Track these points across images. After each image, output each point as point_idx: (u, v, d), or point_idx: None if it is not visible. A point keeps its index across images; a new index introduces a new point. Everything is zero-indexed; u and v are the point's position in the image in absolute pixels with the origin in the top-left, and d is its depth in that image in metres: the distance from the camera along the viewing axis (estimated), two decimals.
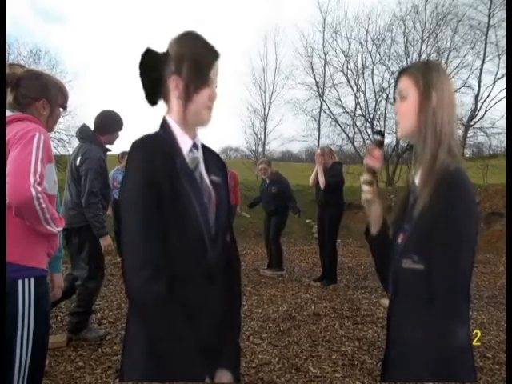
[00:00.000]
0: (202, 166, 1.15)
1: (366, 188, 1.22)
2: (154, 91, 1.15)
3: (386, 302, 4.40)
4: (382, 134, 1.26)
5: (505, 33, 14.22)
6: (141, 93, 1.16)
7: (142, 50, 1.12)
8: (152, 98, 1.16)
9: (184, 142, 1.12)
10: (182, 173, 1.07)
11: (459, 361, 1.02)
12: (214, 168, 1.19)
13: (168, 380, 1.03)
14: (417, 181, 1.13)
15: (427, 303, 1.01)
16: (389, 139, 19.61)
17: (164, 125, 1.14)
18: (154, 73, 1.12)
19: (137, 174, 1.02)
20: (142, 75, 1.13)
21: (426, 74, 1.10)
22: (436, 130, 1.08)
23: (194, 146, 1.14)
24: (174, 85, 1.10)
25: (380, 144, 1.24)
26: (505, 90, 15.17)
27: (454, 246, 0.99)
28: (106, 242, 3.10)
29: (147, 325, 1.01)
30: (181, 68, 1.09)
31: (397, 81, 1.18)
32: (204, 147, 1.20)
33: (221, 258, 1.14)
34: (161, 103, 1.17)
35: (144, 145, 1.06)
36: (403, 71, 1.16)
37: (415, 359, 1.03)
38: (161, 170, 1.03)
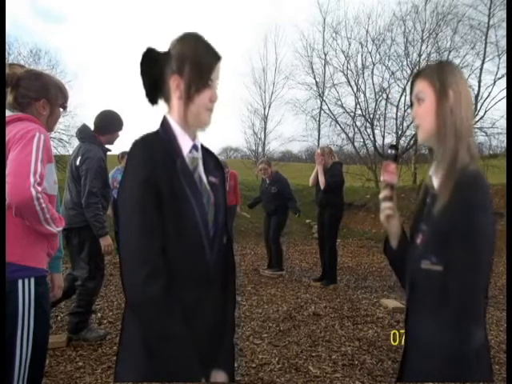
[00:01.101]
0: (201, 167, 1.15)
1: (386, 204, 1.20)
2: (154, 90, 1.14)
3: (386, 301, 4.40)
4: (396, 147, 1.26)
5: (505, 33, 14.23)
6: (141, 93, 1.16)
7: (142, 50, 1.12)
8: (152, 97, 1.15)
9: (184, 143, 1.12)
10: (181, 173, 1.07)
11: (476, 361, 1.02)
12: (212, 169, 1.19)
13: (164, 380, 1.02)
14: (435, 182, 1.12)
15: (444, 304, 1.01)
16: (389, 139, 19.60)
17: (164, 124, 1.14)
18: (154, 72, 1.12)
19: (136, 173, 1.02)
20: (142, 74, 1.13)
21: (441, 74, 1.10)
22: (456, 128, 1.07)
23: (194, 147, 1.14)
24: (175, 85, 1.10)
25: (394, 158, 1.24)
26: (505, 90, 15.18)
27: (472, 248, 0.99)
28: (106, 242, 3.10)
29: (144, 324, 1.00)
30: (182, 68, 1.09)
31: (412, 85, 1.17)
32: (202, 147, 1.20)
33: (218, 259, 1.14)
34: (161, 102, 1.17)
35: (144, 144, 1.06)
36: (418, 74, 1.16)
37: (432, 360, 1.03)
38: (160, 170, 1.02)
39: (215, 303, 1.13)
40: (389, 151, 1.25)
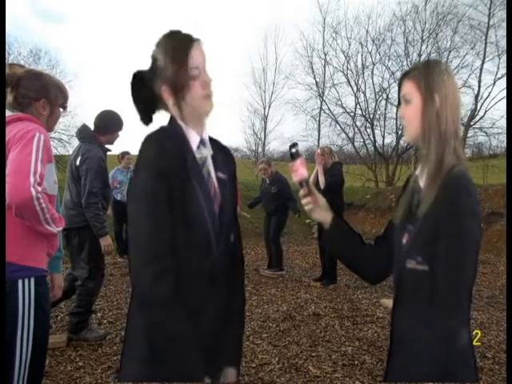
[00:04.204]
0: (209, 162, 1.14)
1: (304, 201, 1.27)
2: (149, 109, 1.15)
3: (386, 301, 4.40)
4: (295, 145, 1.27)
5: (505, 33, 14.24)
6: None
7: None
8: (147, 118, 1.16)
9: (192, 139, 1.12)
10: (191, 170, 1.07)
11: (461, 361, 1.02)
12: (221, 164, 1.18)
13: (168, 380, 1.02)
14: (421, 182, 1.13)
15: (430, 304, 1.01)
16: (389, 139, 19.63)
17: (172, 121, 1.14)
18: (145, 93, 1.12)
19: (148, 169, 1.02)
20: (134, 99, 1.14)
21: (427, 77, 1.10)
22: (440, 133, 1.08)
23: (202, 142, 1.13)
24: (167, 94, 1.10)
25: (296, 155, 1.26)
26: (505, 90, 15.18)
27: (457, 247, 0.99)
28: (106, 242, 3.10)
29: (149, 322, 1.00)
30: (165, 76, 1.08)
31: (400, 84, 1.17)
32: (213, 141, 1.19)
33: (224, 256, 1.13)
34: (159, 115, 1.17)
35: (157, 139, 1.06)
36: (405, 75, 1.16)
37: (418, 359, 1.03)
38: (171, 167, 1.02)
39: (220, 300, 1.12)
40: (291, 150, 1.27)
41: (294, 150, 1.26)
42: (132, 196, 1.04)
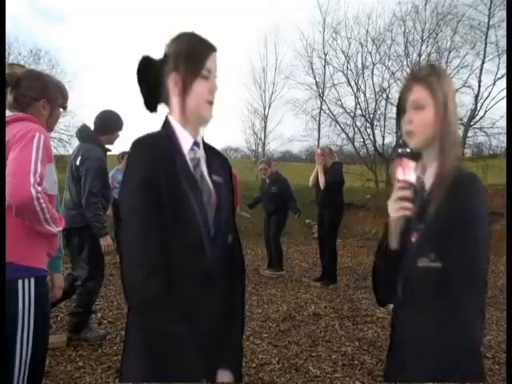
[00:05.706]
0: (202, 165, 1.14)
1: (403, 204, 1.08)
2: (153, 96, 1.15)
3: None
4: (402, 145, 1.13)
5: (505, 33, 14.22)
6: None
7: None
8: (151, 104, 1.16)
9: (185, 141, 1.12)
10: (181, 172, 1.07)
11: (473, 360, 1.03)
12: (216, 167, 1.18)
13: (167, 380, 1.02)
14: (427, 182, 1.13)
15: (444, 301, 1.01)
16: (389, 139, 19.59)
17: (166, 124, 1.14)
18: (152, 77, 1.13)
19: (136, 174, 1.02)
20: (140, 81, 1.14)
21: (443, 85, 1.11)
22: (451, 139, 1.11)
23: (195, 144, 1.14)
24: (174, 82, 1.10)
25: (410, 155, 1.10)
26: (505, 90, 15.17)
27: (472, 245, 1.01)
28: (106, 241, 3.10)
29: (144, 324, 1.00)
30: (178, 63, 1.10)
31: (408, 89, 1.14)
32: (207, 146, 1.20)
33: (221, 258, 1.13)
34: (161, 107, 1.17)
35: (144, 144, 1.07)
36: (415, 80, 1.13)
37: (428, 359, 1.03)
38: (160, 170, 1.03)
39: (218, 302, 1.12)
40: (405, 150, 1.10)
41: (400, 151, 1.10)
42: (122, 201, 1.05)
